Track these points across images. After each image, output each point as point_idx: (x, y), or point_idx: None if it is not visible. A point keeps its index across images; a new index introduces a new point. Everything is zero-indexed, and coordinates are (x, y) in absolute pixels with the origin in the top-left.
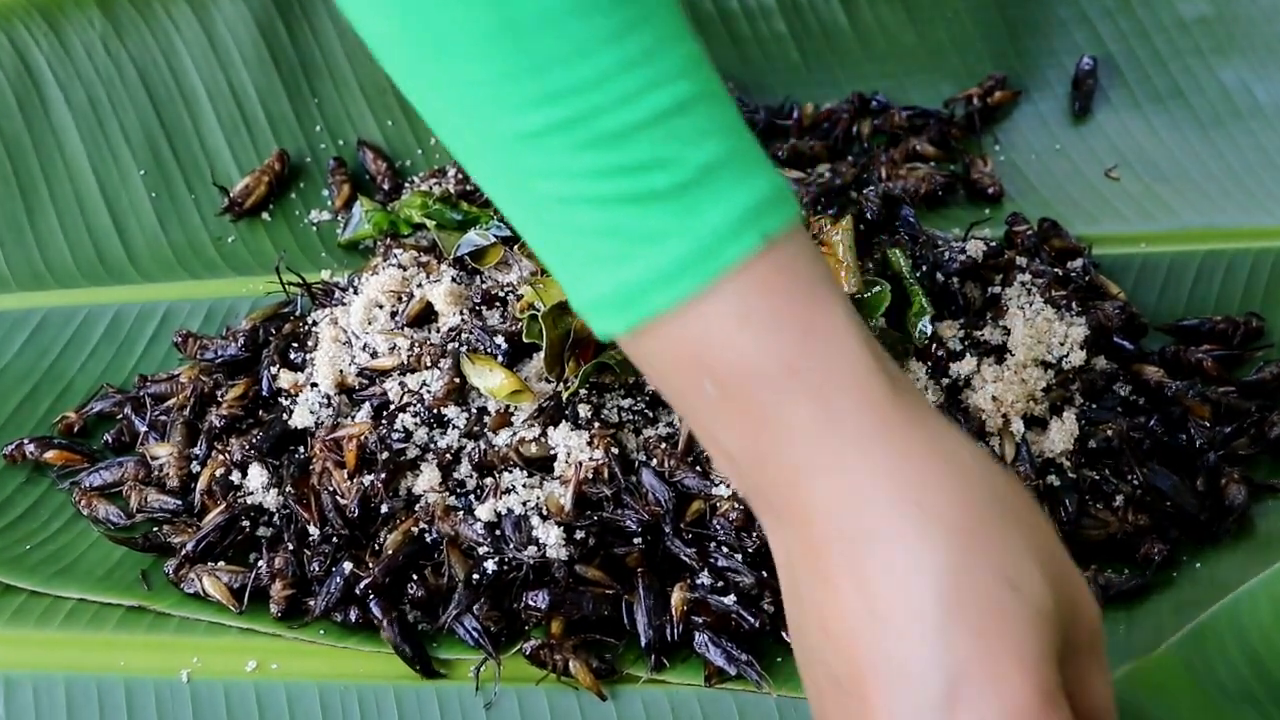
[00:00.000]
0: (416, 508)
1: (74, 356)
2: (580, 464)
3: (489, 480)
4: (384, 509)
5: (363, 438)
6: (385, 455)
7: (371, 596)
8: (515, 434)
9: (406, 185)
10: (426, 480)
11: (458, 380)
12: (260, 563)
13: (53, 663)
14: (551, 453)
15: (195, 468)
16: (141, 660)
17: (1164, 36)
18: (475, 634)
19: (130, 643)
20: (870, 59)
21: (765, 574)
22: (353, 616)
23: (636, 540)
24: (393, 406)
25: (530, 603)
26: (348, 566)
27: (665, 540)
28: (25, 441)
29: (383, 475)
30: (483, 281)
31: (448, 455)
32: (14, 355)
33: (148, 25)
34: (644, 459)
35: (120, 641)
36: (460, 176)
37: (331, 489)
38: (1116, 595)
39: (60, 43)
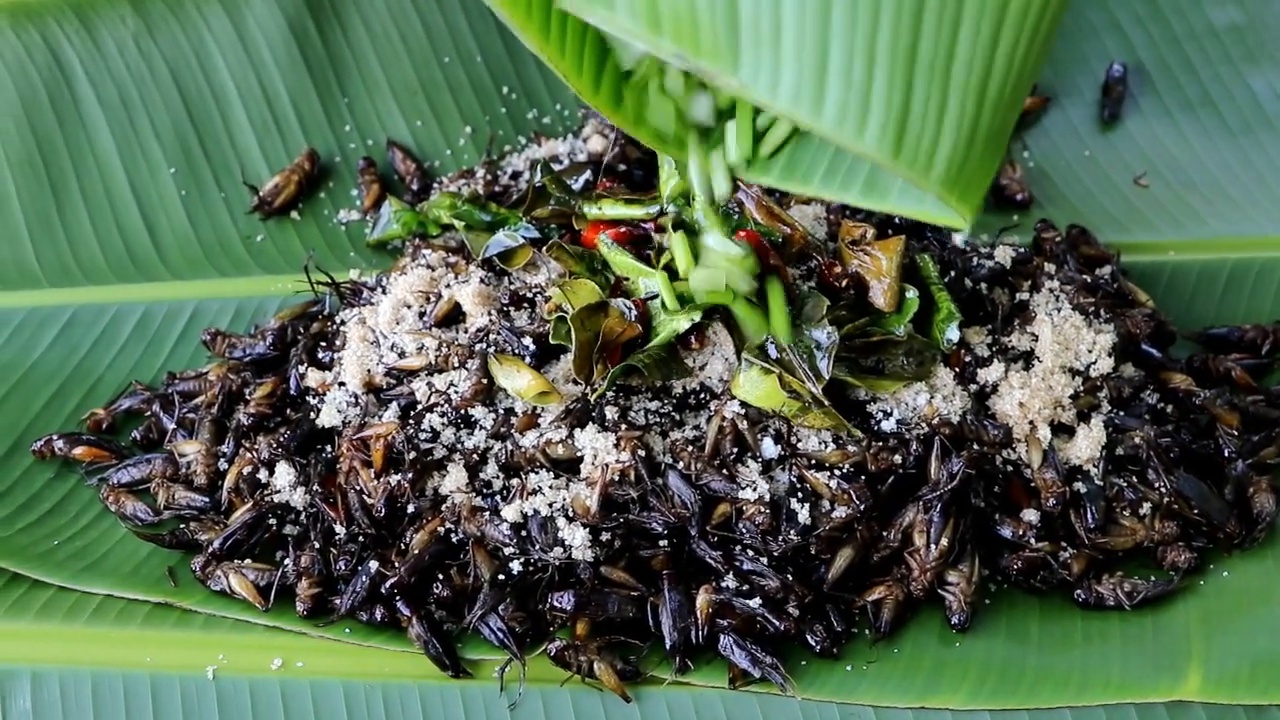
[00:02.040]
0: (443, 508)
1: (103, 353)
2: (607, 466)
3: (515, 481)
4: (411, 509)
5: (390, 437)
6: (412, 455)
7: (397, 595)
8: (542, 435)
9: (435, 186)
10: (453, 480)
11: (485, 381)
12: (287, 561)
13: (79, 658)
14: (578, 454)
15: (223, 465)
16: (168, 656)
17: (1195, 44)
18: (500, 634)
19: (157, 639)
20: None
21: (790, 577)
22: (378, 615)
23: (662, 543)
24: (420, 406)
25: (556, 604)
26: (374, 565)
27: (691, 543)
28: (54, 437)
29: (409, 475)
30: (511, 282)
31: (474, 456)
32: (43, 351)
33: (179, 24)
34: (670, 461)
35: (147, 637)
36: (489, 178)
37: (358, 488)
38: (1142, 602)
39: (92, 40)
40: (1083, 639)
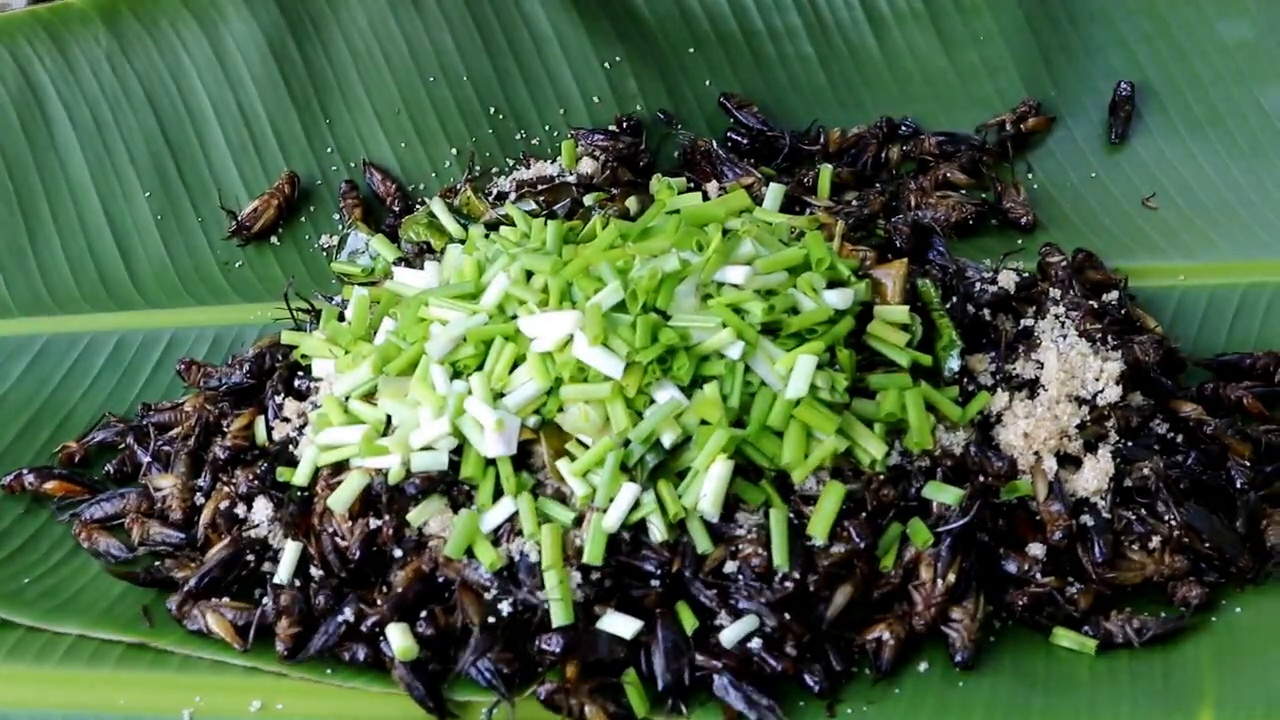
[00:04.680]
0: (430, 546)
1: (75, 384)
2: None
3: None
4: (398, 553)
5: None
6: (388, 497)
7: (381, 634)
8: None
9: (417, 207)
10: (438, 523)
11: None
12: (266, 599)
13: (51, 700)
14: (569, 494)
15: (199, 500)
16: (143, 699)
17: (1204, 61)
18: (489, 675)
19: (131, 680)
20: (899, 83)
21: (788, 616)
22: (361, 655)
23: (654, 582)
24: None
25: (544, 646)
26: (349, 610)
27: (686, 584)
28: (24, 472)
29: (388, 519)
30: None
31: (459, 495)
32: (14, 382)
33: (155, 42)
34: None
35: (121, 679)
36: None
37: (331, 530)
38: (1152, 640)
39: (64, 59)
40: (1090, 678)
